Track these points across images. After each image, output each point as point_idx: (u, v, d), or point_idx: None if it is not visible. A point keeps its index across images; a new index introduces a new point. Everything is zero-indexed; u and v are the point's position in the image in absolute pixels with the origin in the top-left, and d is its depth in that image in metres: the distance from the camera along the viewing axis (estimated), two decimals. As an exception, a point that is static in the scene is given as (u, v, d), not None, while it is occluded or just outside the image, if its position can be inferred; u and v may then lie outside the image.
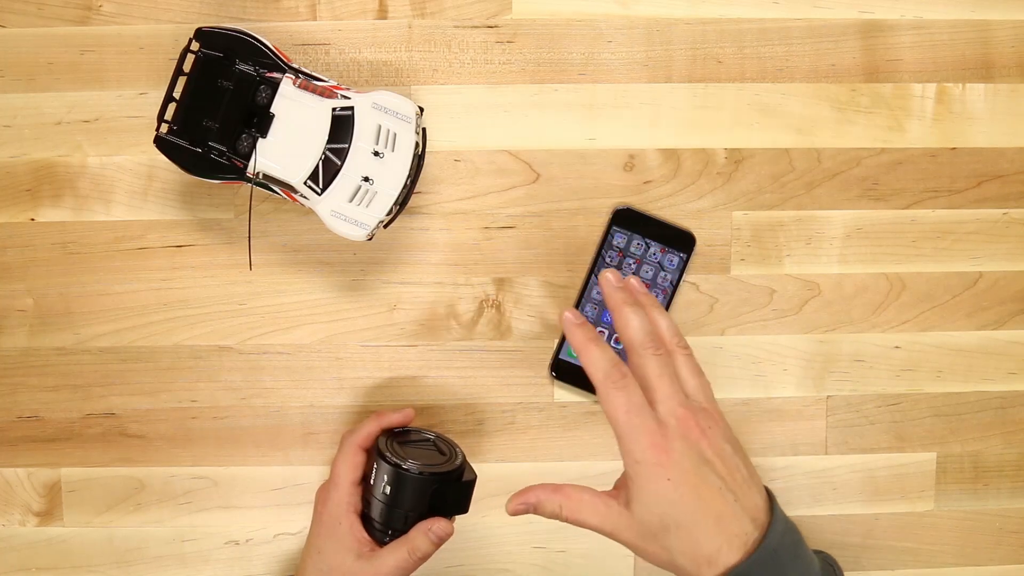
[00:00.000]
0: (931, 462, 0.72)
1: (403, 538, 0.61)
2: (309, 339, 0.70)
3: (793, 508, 0.72)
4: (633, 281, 0.58)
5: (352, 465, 0.63)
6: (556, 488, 0.54)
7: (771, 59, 0.70)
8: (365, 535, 0.62)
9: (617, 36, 0.70)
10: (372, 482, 0.62)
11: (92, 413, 0.70)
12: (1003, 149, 0.71)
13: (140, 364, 0.70)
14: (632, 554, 0.72)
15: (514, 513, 0.55)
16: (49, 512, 0.70)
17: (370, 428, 0.64)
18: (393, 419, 0.65)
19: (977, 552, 0.73)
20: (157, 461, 0.70)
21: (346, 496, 0.62)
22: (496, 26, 0.70)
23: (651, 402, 0.53)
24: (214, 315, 0.70)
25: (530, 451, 0.71)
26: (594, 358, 0.53)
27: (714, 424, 0.53)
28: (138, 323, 0.70)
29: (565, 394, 0.71)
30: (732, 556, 0.50)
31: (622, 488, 0.53)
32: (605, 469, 0.71)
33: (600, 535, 0.54)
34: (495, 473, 0.71)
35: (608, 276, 0.56)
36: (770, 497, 0.53)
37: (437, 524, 0.61)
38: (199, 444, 0.70)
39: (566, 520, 0.54)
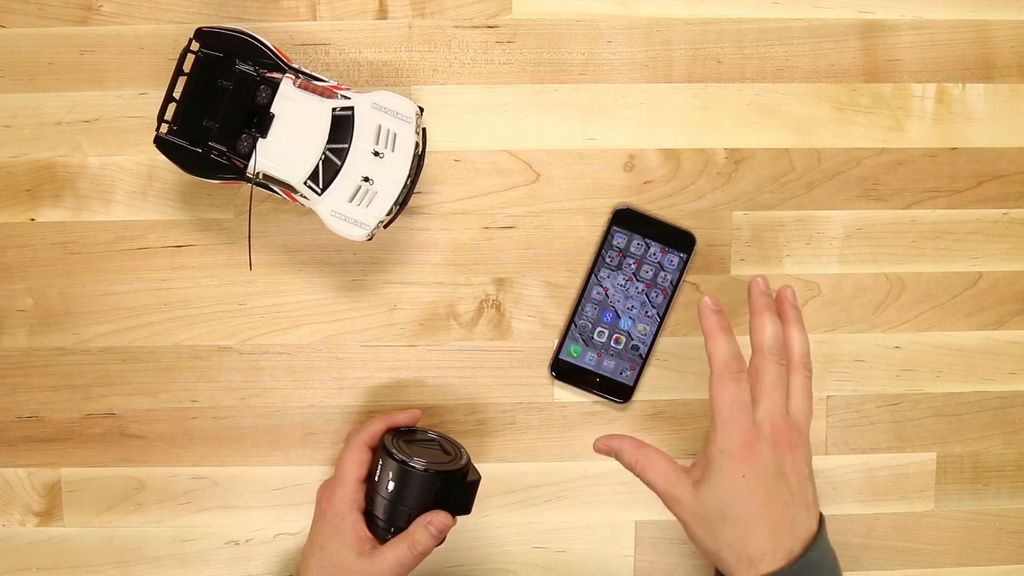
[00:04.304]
0: (931, 462, 0.72)
1: (403, 534, 0.61)
2: (309, 339, 0.70)
3: (793, 508, 0.72)
4: (787, 293, 0.60)
5: (358, 463, 0.63)
6: (640, 445, 0.59)
7: (771, 59, 0.70)
8: (367, 533, 0.62)
9: (617, 36, 0.70)
10: (377, 479, 0.62)
11: (92, 413, 0.70)
12: (1003, 149, 0.71)
13: (140, 364, 0.70)
14: (632, 554, 0.72)
15: (600, 450, 0.60)
16: (49, 512, 0.70)
17: (377, 427, 0.64)
18: (399, 419, 0.65)
19: (977, 552, 0.73)
20: (157, 461, 0.70)
21: (351, 493, 0.62)
22: (496, 26, 0.70)
23: (755, 404, 0.57)
24: (214, 315, 0.70)
25: (530, 451, 0.71)
26: (719, 345, 0.58)
27: (802, 445, 0.57)
28: (138, 323, 0.70)
29: (565, 394, 0.71)
30: (773, 564, 0.54)
31: (697, 468, 0.58)
32: (605, 469, 0.71)
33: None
34: (495, 473, 0.71)
35: (758, 281, 0.60)
36: (821, 523, 0.57)
37: (437, 517, 0.61)
38: (199, 444, 0.70)
39: (637, 474, 0.59)
